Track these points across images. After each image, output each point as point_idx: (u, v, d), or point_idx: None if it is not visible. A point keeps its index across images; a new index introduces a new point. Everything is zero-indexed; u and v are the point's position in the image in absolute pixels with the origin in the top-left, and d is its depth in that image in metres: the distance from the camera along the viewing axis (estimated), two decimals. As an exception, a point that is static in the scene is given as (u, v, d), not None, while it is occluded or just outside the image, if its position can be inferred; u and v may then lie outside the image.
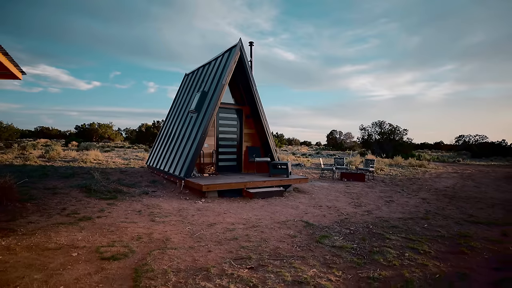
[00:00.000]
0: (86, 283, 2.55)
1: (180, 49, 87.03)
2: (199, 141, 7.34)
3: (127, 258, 3.11)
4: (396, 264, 3.24)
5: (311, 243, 3.84)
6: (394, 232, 4.45)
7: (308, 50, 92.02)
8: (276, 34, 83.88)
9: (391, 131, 31.89)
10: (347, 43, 78.95)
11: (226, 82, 7.78)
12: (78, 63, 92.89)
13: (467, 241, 4.15)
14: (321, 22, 77.84)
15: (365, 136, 33.17)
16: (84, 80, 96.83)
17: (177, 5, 66.95)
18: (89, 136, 38.07)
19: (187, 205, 5.79)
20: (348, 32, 77.96)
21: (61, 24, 68.75)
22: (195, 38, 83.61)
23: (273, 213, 5.48)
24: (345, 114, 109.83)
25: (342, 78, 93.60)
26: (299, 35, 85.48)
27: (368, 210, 6.05)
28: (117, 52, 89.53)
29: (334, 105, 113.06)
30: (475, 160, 30.77)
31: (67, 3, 66.20)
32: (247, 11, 71.50)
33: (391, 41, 73.97)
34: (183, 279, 2.69)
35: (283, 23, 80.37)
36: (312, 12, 76.47)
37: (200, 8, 66.30)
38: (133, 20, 69.86)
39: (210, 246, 3.59)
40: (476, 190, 9.40)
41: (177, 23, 74.90)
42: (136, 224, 4.38)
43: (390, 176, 12.50)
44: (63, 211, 4.85)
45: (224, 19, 74.43)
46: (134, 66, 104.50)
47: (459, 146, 47.32)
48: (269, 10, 69.71)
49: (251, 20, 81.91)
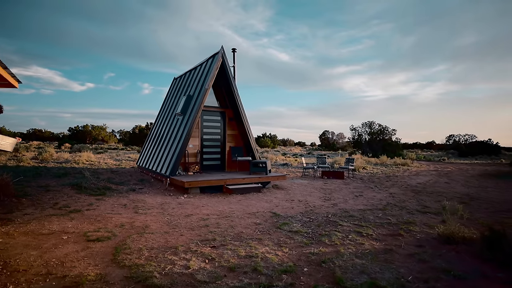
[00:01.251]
0: (73, 257, 3.12)
1: (175, 50, 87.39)
2: (184, 142, 7.92)
3: (109, 240, 3.69)
4: (337, 243, 3.87)
5: (271, 229, 4.46)
6: (349, 220, 5.09)
7: (303, 50, 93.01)
8: (270, 35, 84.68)
9: (380, 131, 32.65)
10: (341, 43, 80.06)
11: (209, 87, 8.37)
12: (71, 64, 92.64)
13: (408, 226, 4.80)
14: (315, 22, 78.85)
15: (355, 136, 33.96)
16: (77, 82, 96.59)
17: (172, 7, 67.40)
18: (82, 138, 38.30)
19: (170, 200, 6.37)
20: (342, 32, 79.08)
21: (54, 26, 68.72)
22: (190, 40, 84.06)
23: (247, 206, 6.08)
24: (340, 115, 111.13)
25: (336, 78, 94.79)
26: (293, 35, 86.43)
27: (335, 203, 6.68)
28: (112, 53, 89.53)
29: (329, 105, 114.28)
30: (461, 159, 31.78)
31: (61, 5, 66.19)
32: (242, 12, 72.19)
33: (384, 42, 75.23)
34: (154, 254, 3.28)
35: (278, 24, 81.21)
36: (306, 13, 77.39)
37: (194, 10, 66.83)
38: (128, 21, 70.12)
39: (183, 232, 4.18)
40: (445, 186, 10.11)
41: (172, 25, 75.29)
42: (121, 215, 4.95)
43: (370, 174, 13.19)
44: (55, 205, 5.40)
45: (218, 20, 75.00)
46: (128, 68, 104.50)
47: (449, 145, 48.52)
48: (264, 11, 70.47)
49: (245, 21, 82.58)
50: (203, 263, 3.10)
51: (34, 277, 2.65)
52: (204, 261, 3.15)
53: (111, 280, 2.66)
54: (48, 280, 2.61)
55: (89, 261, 3.03)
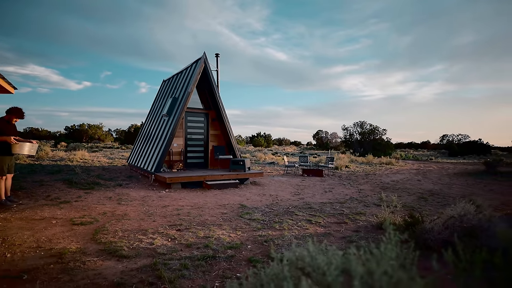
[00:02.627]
0: (60, 236, 3.81)
1: (172, 49, 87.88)
2: (168, 142, 8.60)
3: (91, 224, 4.38)
4: (285, 228, 4.57)
5: (234, 217, 5.16)
6: (306, 211, 5.80)
7: (300, 50, 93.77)
8: (268, 34, 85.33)
9: (371, 131, 33.36)
10: (339, 43, 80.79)
11: (191, 91, 9.05)
12: (68, 63, 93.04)
13: (357, 216, 5.51)
14: (312, 22, 79.56)
15: (347, 136, 34.71)
16: (74, 80, 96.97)
17: (169, 5, 67.87)
18: (79, 137, 38.84)
19: (152, 194, 7.05)
20: (339, 32, 79.80)
21: (51, 24, 69.03)
22: (187, 38, 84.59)
23: (221, 199, 6.78)
24: (337, 114, 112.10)
25: (334, 78, 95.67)
26: (290, 35, 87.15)
27: (302, 197, 7.39)
28: (108, 52, 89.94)
29: (326, 105, 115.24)
30: (450, 158, 32.62)
31: (58, 3, 66.49)
32: (239, 11, 72.75)
33: (381, 41, 76.03)
34: (127, 234, 3.97)
35: (275, 23, 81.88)
36: (303, 12, 78.06)
37: (191, 8, 67.30)
38: (125, 20, 70.56)
39: (156, 219, 4.87)
40: (415, 183, 10.85)
41: (169, 23, 75.82)
42: (105, 205, 5.64)
43: (350, 173, 13.92)
44: (48, 197, 6.07)
45: (215, 19, 75.52)
46: (125, 66, 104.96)
47: (442, 145, 49.44)
48: (261, 10, 71.04)
49: (242, 20, 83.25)
50: (166, 241, 3.80)
51: (27, 249, 3.34)
52: (167, 240, 3.85)
53: (88, 252, 3.35)
54: (38, 251, 3.30)
55: (72, 239, 3.72)
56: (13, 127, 5.43)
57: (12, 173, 5.52)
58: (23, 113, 5.47)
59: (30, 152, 5.34)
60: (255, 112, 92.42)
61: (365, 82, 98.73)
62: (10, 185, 5.58)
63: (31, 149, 5.36)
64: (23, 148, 5.22)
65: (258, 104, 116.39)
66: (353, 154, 27.86)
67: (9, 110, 5.37)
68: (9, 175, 5.44)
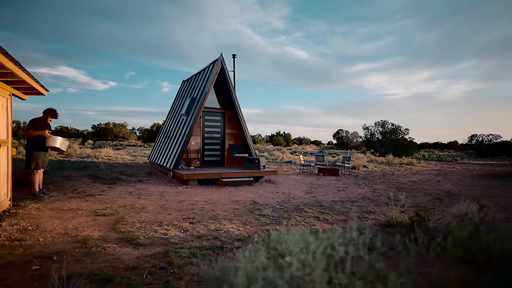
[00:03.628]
0: (84, 225, 4.21)
1: (192, 49, 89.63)
2: (185, 140, 8.98)
3: (113, 215, 4.77)
4: (293, 224, 4.75)
5: (244, 213, 5.39)
6: (316, 209, 5.93)
7: (321, 48, 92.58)
8: (288, 32, 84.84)
9: (393, 130, 32.58)
10: (361, 40, 78.97)
11: (208, 91, 9.38)
12: (95, 63, 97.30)
13: (365, 215, 5.58)
14: (334, 19, 78.22)
15: (367, 135, 34.06)
16: (100, 80, 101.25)
17: (188, 5, 69.15)
18: (104, 135, 40.66)
19: (170, 190, 7.43)
20: (362, 29, 77.96)
21: (79, 27, 72.45)
22: (207, 38, 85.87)
23: (234, 196, 7.03)
24: (359, 113, 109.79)
25: (356, 76, 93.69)
26: (311, 32, 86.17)
27: (314, 195, 7.51)
28: (132, 52, 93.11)
29: (348, 104, 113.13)
30: (477, 159, 31.21)
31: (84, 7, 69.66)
32: (259, 9, 72.81)
33: (407, 37, 73.43)
34: (143, 225, 4.31)
35: (296, 21, 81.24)
36: (325, 9, 76.89)
37: (211, 8, 68.20)
38: (146, 20, 72.67)
39: (171, 212, 5.20)
40: (433, 184, 10.62)
41: (188, 23, 77.28)
42: (125, 199, 6.05)
43: (367, 172, 13.79)
44: (75, 191, 6.59)
45: (236, 18, 76.07)
46: (148, 66, 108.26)
47: (470, 145, 47.26)
48: (281, 8, 70.70)
49: (263, 19, 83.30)
50: (179, 232, 4.09)
51: (56, 235, 3.74)
52: (180, 231, 4.14)
53: (109, 239, 3.70)
54: (65, 237, 3.68)
55: (95, 228, 4.10)
56: (47, 126, 5.97)
57: (44, 168, 6.01)
58: (57, 114, 6.08)
59: (61, 146, 5.78)
60: (275, 111, 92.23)
61: (390, 80, 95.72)
62: (42, 179, 6.13)
63: (63, 143, 5.82)
64: (55, 141, 5.71)
65: (279, 103, 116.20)
66: (374, 154, 27.33)
67: (46, 111, 5.99)
68: (42, 169, 5.95)
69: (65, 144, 5.91)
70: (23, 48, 73.33)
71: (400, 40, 74.57)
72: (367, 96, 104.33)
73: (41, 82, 5.42)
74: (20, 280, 2.59)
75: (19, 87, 5.35)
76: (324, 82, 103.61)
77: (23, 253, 3.16)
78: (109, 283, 2.58)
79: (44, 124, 5.90)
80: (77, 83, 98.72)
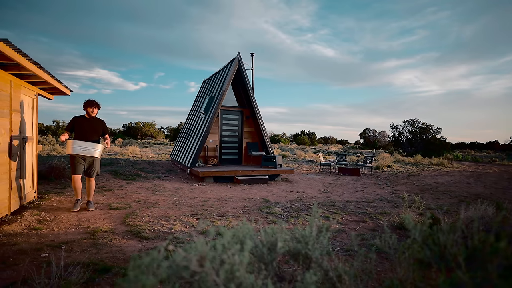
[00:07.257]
0: (97, 217, 4.43)
1: (217, 48, 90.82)
2: (203, 138, 9.14)
3: (125, 209, 4.97)
4: (299, 223, 4.68)
5: (253, 210, 5.39)
6: (327, 208, 5.79)
7: (349, 45, 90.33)
8: (315, 30, 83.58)
9: (423, 129, 31.07)
10: (391, 36, 76.04)
11: (226, 89, 9.48)
12: (126, 65, 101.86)
13: (379, 216, 5.37)
14: (362, 15, 75.99)
15: (396, 134, 32.72)
16: (132, 82, 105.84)
17: (214, 6, 70.22)
18: (134, 133, 42.43)
19: (185, 186, 7.61)
20: (393, 24, 75.00)
21: (113, 31, 76.07)
22: (233, 37, 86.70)
23: (247, 193, 7.06)
24: (388, 112, 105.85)
25: (385, 73, 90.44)
26: (339, 30, 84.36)
27: (329, 195, 7.34)
28: (162, 54, 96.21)
29: (377, 102, 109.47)
30: (519, 161, 28.90)
31: (116, 12, 73.03)
32: (285, 8, 72.31)
33: (441, 31, 69.69)
34: (152, 219, 4.45)
35: (322, 19, 79.87)
36: (353, 5, 74.88)
37: (237, 8, 68.81)
38: (174, 22, 74.69)
39: (181, 208, 5.32)
40: (462, 186, 9.99)
41: (215, 23, 78.53)
42: (140, 194, 6.29)
43: (391, 173, 13.25)
44: (96, 186, 6.94)
45: (261, 17, 76.23)
46: (176, 67, 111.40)
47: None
48: (308, 5, 69.75)
49: (289, 17, 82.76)
50: (184, 228, 4.18)
51: (70, 226, 3.97)
52: (185, 227, 4.23)
53: (116, 232, 3.87)
54: (77, 228, 3.90)
55: (106, 221, 4.30)
56: (88, 122, 5.03)
57: (91, 176, 5.06)
58: (91, 102, 5.07)
59: (84, 153, 4.80)
60: (301, 110, 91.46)
61: (421, 77, 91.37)
62: (93, 189, 5.08)
63: (87, 149, 4.80)
64: (75, 148, 4.74)
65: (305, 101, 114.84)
66: (401, 154, 26.20)
67: (83, 105, 5.10)
68: (88, 178, 5.05)
69: (94, 149, 4.87)
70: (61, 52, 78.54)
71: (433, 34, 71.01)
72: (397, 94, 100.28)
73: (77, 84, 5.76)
74: (30, 266, 2.78)
75: (45, 87, 5.73)
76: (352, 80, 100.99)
77: (37, 241, 3.39)
78: (107, 273, 2.69)
79: (84, 122, 4.99)
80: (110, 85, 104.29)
